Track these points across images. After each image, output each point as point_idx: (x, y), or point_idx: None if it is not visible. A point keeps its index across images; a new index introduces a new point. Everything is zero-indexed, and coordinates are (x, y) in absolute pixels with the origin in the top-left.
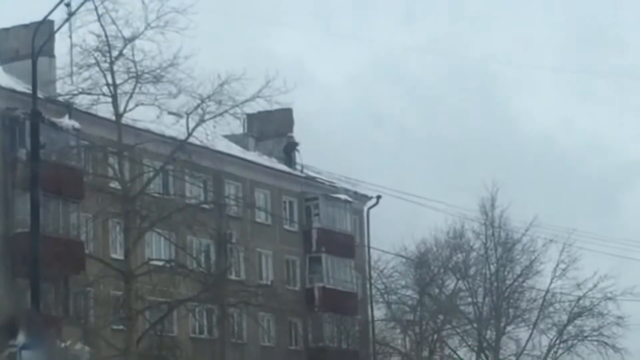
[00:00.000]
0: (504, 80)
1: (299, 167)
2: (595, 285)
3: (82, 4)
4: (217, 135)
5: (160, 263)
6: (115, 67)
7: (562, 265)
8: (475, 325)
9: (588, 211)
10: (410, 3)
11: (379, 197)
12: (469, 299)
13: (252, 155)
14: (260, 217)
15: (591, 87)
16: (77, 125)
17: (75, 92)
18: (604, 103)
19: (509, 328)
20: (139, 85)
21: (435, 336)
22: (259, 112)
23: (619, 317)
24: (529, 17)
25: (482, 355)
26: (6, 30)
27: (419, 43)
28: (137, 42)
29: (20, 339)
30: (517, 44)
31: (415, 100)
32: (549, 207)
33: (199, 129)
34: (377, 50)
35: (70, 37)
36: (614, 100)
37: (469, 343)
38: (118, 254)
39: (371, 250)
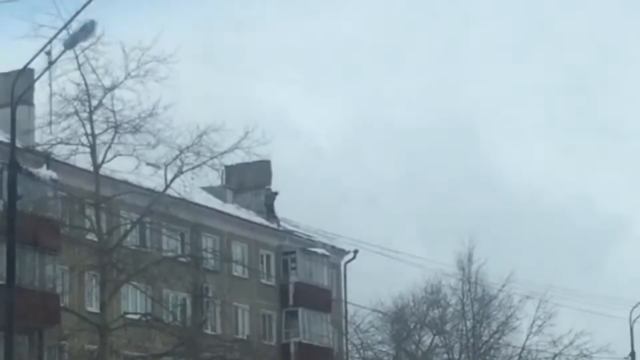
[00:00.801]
0: (489, 133)
1: (279, 219)
2: (571, 342)
3: (63, 52)
4: (195, 186)
5: (136, 317)
6: (94, 117)
7: (539, 322)
8: None
9: (566, 267)
10: (397, 55)
11: (356, 252)
12: (445, 355)
13: (229, 208)
14: (238, 270)
15: (576, 142)
16: (54, 176)
17: (54, 141)
18: (587, 158)
19: None
20: (117, 135)
21: None
22: (237, 164)
23: None
24: (516, 71)
25: None
26: None
27: (404, 94)
28: (116, 91)
29: None
30: (503, 97)
31: (397, 153)
32: (527, 263)
33: (177, 180)
34: (361, 102)
35: (50, 85)
36: (596, 156)
37: None
38: (94, 307)
39: (348, 305)
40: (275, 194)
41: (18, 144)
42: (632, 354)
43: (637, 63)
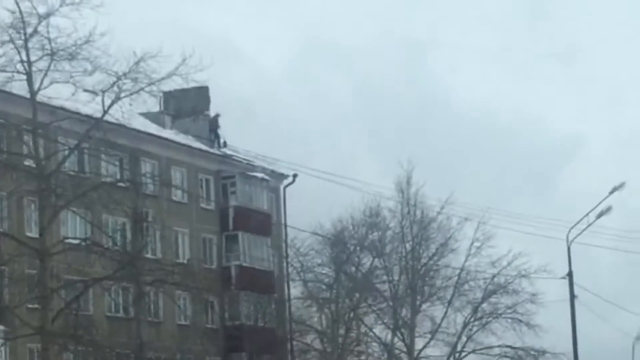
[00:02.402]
0: (443, 55)
1: (221, 143)
2: (509, 263)
3: None
4: (133, 113)
5: (76, 241)
6: (30, 44)
7: (477, 243)
8: (391, 303)
9: (508, 189)
10: None
11: (295, 176)
12: (385, 277)
13: (168, 133)
14: (177, 195)
15: (530, 65)
16: None
17: None
18: (528, 79)
19: (424, 306)
20: (54, 62)
21: (352, 314)
22: (175, 90)
23: (533, 294)
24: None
25: (398, 333)
26: None
27: (354, 15)
28: (52, 19)
29: None
30: (459, 21)
31: (345, 74)
32: (468, 185)
33: (115, 106)
34: (308, 23)
35: None
36: (549, 79)
37: (385, 321)
38: (33, 233)
39: (288, 228)
40: (217, 116)
41: None
42: (570, 274)
43: None
